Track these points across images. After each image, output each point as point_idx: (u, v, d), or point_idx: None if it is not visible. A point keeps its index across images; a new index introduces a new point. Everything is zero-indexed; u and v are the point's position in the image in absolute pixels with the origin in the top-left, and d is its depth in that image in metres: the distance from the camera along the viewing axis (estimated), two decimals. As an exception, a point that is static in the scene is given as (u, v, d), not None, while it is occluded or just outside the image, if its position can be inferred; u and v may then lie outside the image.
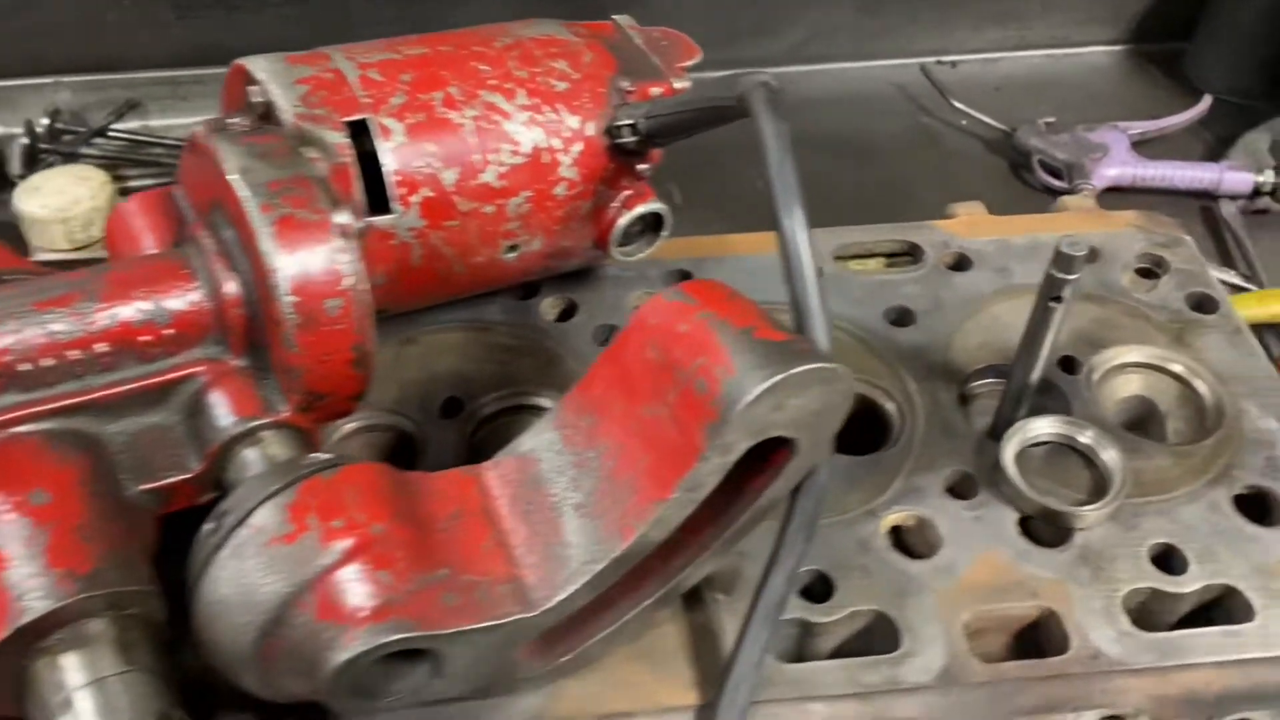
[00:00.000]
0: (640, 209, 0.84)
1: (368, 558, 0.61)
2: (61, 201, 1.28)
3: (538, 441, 0.68)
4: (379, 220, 0.75)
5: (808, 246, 0.65)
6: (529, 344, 0.89)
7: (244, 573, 0.60)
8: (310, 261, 0.66)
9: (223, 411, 0.69)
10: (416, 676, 0.64)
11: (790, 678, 0.70)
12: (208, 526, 0.63)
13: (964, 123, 1.55)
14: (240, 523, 0.61)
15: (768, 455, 0.65)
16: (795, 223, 0.65)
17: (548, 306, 0.93)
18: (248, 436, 0.68)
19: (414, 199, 0.76)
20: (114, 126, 1.49)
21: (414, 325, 0.89)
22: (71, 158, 1.42)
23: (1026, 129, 1.46)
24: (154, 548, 0.67)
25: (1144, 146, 1.46)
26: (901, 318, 0.92)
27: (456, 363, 0.88)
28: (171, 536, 0.67)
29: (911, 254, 0.98)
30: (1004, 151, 1.50)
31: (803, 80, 1.59)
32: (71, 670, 0.59)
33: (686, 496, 0.62)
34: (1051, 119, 1.48)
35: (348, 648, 0.59)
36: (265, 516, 0.61)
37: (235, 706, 0.67)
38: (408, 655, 0.63)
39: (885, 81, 1.63)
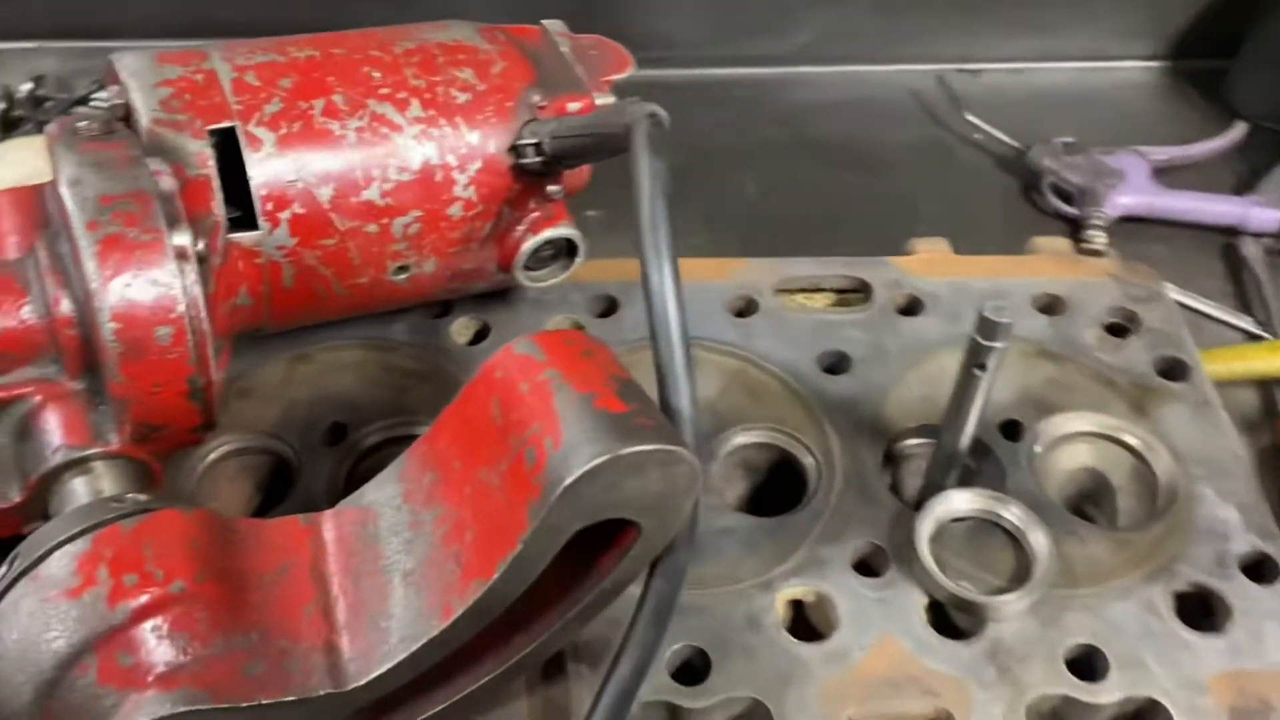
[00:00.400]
0: (548, 233, 0.78)
1: (162, 618, 0.56)
2: (19, 173, 1.24)
3: (379, 494, 0.63)
4: (242, 237, 0.69)
5: (676, 303, 0.59)
6: (432, 369, 0.84)
7: (26, 625, 0.56)
8: (137, 286, 0.60)
9: (51, 438, 0.64)
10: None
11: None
12: (0, 569, 0.58)
13: (978, 136, 1.45)
14: (27, 571, 0.56)
15: (613, 534, 0.58)
16: (664, 275, 0.59)
17: (459, 328, 0.87)
18: (75, 466, 0.64)
19: (284, 215, 0.70)
20: (96, 96, 1.45)
21: (309, 341, 0.83)
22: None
23: (1040, 148, 1.36)
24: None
25: (1170, 174, 1.35)
26: (837, 363, 0.85)
27: (351, 384, 0.82)
28: None
29: (862, 290, 0.90)
30: (1018, 170, 1.41)
31: (811, 82, 1.51)
32: None
33: (512, 578, 0.56)
34: (1071, 139, 1.37)
35: (127, 717, 0.55)
36: (55, 566, 0.56)
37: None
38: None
39: (900, 88, 1.53)
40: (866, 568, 0.73)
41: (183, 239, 0.62)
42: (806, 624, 0.72)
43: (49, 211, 0.71)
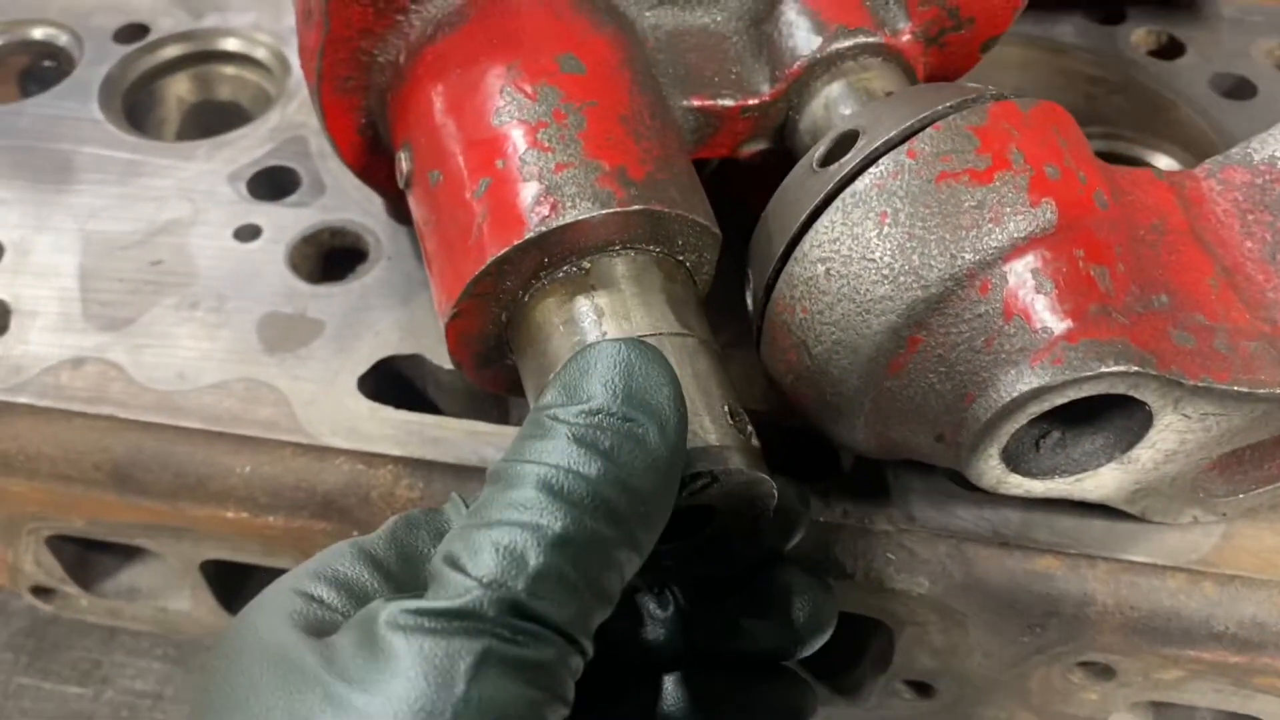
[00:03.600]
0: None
1: (1082, 240, 0.38)
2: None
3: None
4: None
5: None
6: (1119, 78, 0.64)
7: (889, 224, 0.37)
8: None
9: (808, 20, 0.46)
10: (1079, 453, 0.41)
11: None
12: (815, 155, 0.40)
13: None
14: (891, 146, 0.38)
15: None
16: None
17: (1140, 38, 0.67)
18: (840, 61, 0.45)
19: None
20: None
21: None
22: None
23: None
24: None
25: None
26: None
27: (1024, 87, 0.63)
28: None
29: None
30: None
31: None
32: (598, 316, 0.38)
33: None
34: None
35: (1043, 369, 0.36)
36: (942, 139, 0.38)
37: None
38: (1075, 417, 0.40)
39: None
40: None
41: None
42: None
43: None
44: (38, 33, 0.66)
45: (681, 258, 0.41)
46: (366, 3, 0.42)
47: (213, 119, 0.64)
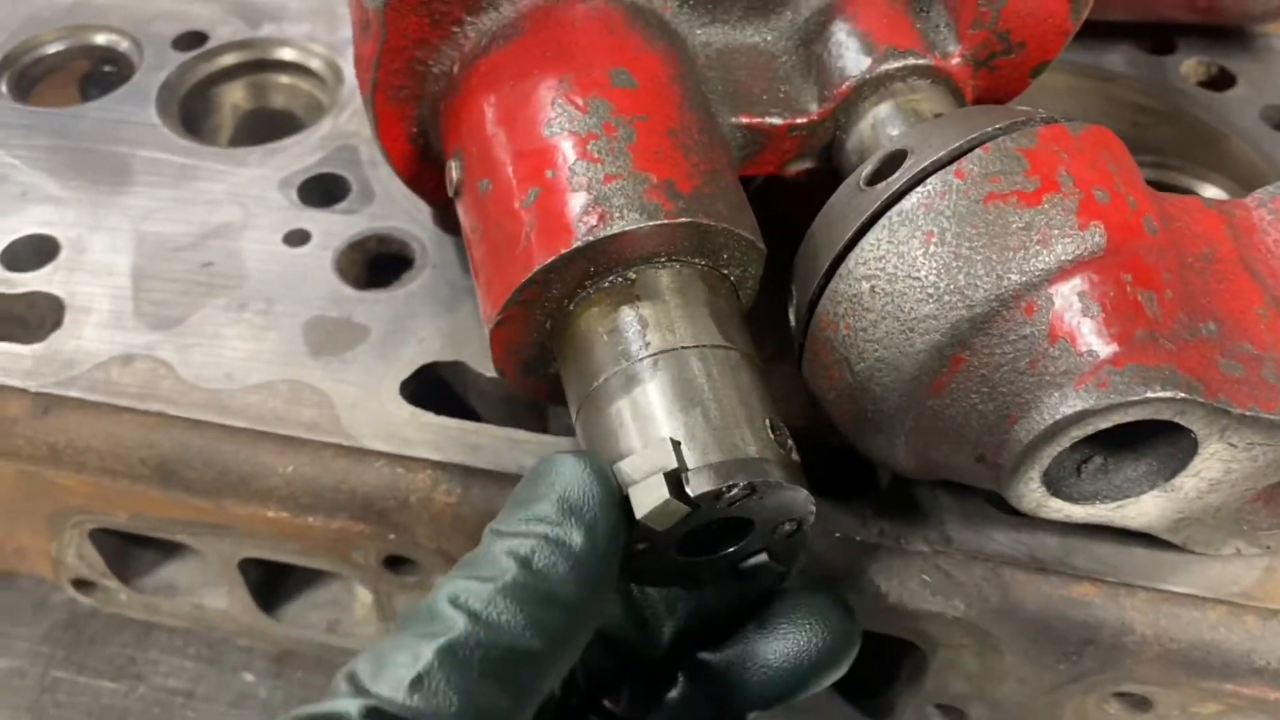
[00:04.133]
0: None
1: (1130, 264, 0.38)
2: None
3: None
4: None
5: None
6: (1167, 108, 0.64)
7: (935, 243, 0.38)
8: None
9: (858, 41, 0.46)
10: (1122, 479, 0.40)
11: None
12: (863, 174, 0.41)
13: None
14: (940, 166, 0.38)
15: None
16: None
17: (1190, 68, 0.67)
18: (888, 82, 0.46)
19: None
20: None
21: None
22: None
23: None
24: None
25: None
26: None
27: (1070, 110, 0.63)
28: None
29: None
30: None
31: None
32: (642, 327, 0.38)
33: None
34: None
35: (1087, 392, 0.36)
36: (991, 161, 0.38)
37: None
38: (1118, 442, 0.39)
39: None
40: None
41: None
42: None
43: None
44: (99, 39, 0.68)
45: (726, 271, 0.41)
46: (423, 14, 0.43)
47: (266, 126, 0.65)
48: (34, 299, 0.53)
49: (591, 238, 0.38)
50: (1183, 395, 0.36)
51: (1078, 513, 0.40)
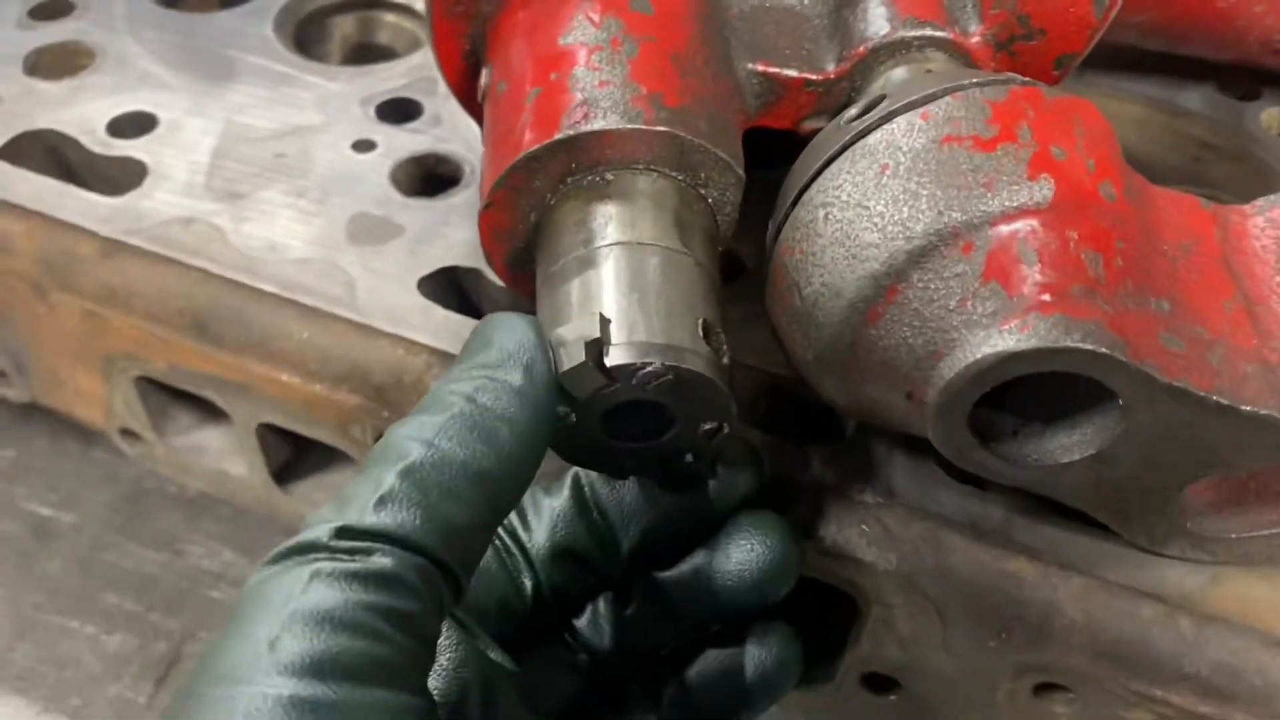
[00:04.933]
0: None
1: (1083, 220, 0.38)
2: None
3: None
4: None
5: None
6: (1233, 147, 0.63)
7: (889, 175, 0.39)
8: None
9: (885, 9, 0.48)
10: (1055, 445, 0.41)
11: None
12: (847, 114, 0.43)
13: None
14: (914, 105, 0.40)
15: None
16: None
17: (1271, 117, 0.66)
18: (905, 48, 0.47)
19: None
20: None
21: (1086, 86, 0.65)
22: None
23: None
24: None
25: None
26: None
27: (1132, 140, 0.63)
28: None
29: None
30: None
31: None
32: (606, 220, 0.41)
33: None
34: None
35: (1010, 334, 0.37)
36: (960, 108, 0.40)
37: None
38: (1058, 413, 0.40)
39: None
40: None
41: None
42: None
43: None
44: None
45: (704, 192, 0.43)
46: (479, -70, 0.47)
47: (369, 60, 0.71)
48: (125, 162, 0.59)
49: (573, 131, 0.41)
50: (1104, 350, 0.36)
51: (1005, 470, 0.41)
